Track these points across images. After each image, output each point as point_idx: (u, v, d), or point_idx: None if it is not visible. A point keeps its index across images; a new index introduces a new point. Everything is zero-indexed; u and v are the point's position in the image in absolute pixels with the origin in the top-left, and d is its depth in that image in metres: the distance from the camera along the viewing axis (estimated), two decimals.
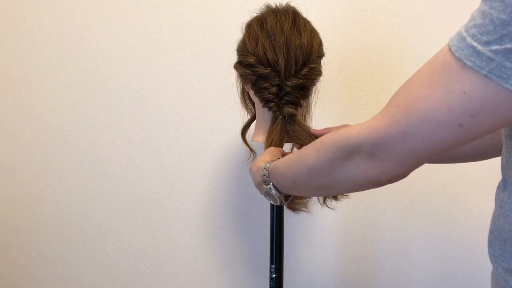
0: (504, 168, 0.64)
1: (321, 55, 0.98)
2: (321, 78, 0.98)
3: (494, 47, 0.50)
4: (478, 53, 0.51)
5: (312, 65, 0.94)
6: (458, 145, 0.58)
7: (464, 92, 0.52)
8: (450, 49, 0.55)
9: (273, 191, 0.82)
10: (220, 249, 1.42)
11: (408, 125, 0.57)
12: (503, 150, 0.65)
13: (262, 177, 0.83)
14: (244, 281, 1.43)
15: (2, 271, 1.43)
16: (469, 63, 0.52)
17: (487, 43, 0.51)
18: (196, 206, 1.40)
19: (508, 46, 0.50)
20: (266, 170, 0.82)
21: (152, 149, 1.38)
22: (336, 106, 1.35)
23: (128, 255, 1.42)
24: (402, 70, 1.34)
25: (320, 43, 0.97)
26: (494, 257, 0.64)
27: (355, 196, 1.32)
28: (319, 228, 1.41)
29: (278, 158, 0.86)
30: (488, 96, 0.51)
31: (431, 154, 0.59)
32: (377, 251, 1.42)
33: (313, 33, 0.96)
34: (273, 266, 1.06)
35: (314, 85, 0.98)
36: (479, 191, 1.37)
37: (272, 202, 0.86)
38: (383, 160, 0.61)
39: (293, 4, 0.99)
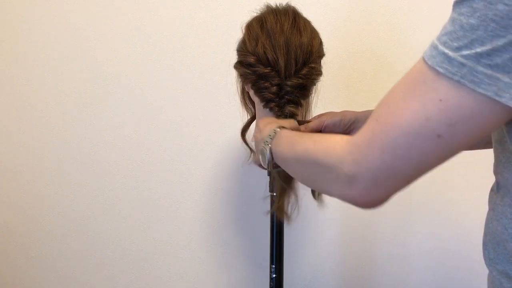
0: (495, 171, 0.64)
1: (321, 55, 0.98)
2: (321, 78, 0.99)
3: (465, 52, 0.50)
4: (449, 59, 0.51)
5: (312, 65, 0.94)
6: (438, 161, 0.56)
7: (440, 100, 0.52)
8: (423, 59, 0.55)
9: (268, 154, 0.81)
10: (220, 249, 1.42)
11: (387, 139, 0.55)
12: (494, 154, 0.65)
13: (267, 136, 0.82)
14: (244, 281, 1.42)
15: (2, 271, 1.43)
16: (442, 70, 0.52)
17: (458, 49, 0.51)
18: (196, 206, 1.40)
19: (478, 50, 0.49)
20: (274, 132, 0.81)
21: (152, 149, 1.38)
22: (336, 106, 1.34)
23: (128, 255, 1.42)
24: (402, 70, 1.33)
25: (320, 43, 0.97)
26: (488, 259, 0.64)
27: None
28: (319, 228, 1.41)
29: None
30: (463, 102, 0.51)
31: (410, 172, 0.57)
32: (377, 252, 1.42)
33: (313, 33, 0.96)
34: (273, 266, 1.06)
35: (314, 85, 0.98)
36: (479, 192, 1.36)
37: (261, 162, 0.86)
38: (361, 182, 0.58)
39: (293, 4, 0.99)
